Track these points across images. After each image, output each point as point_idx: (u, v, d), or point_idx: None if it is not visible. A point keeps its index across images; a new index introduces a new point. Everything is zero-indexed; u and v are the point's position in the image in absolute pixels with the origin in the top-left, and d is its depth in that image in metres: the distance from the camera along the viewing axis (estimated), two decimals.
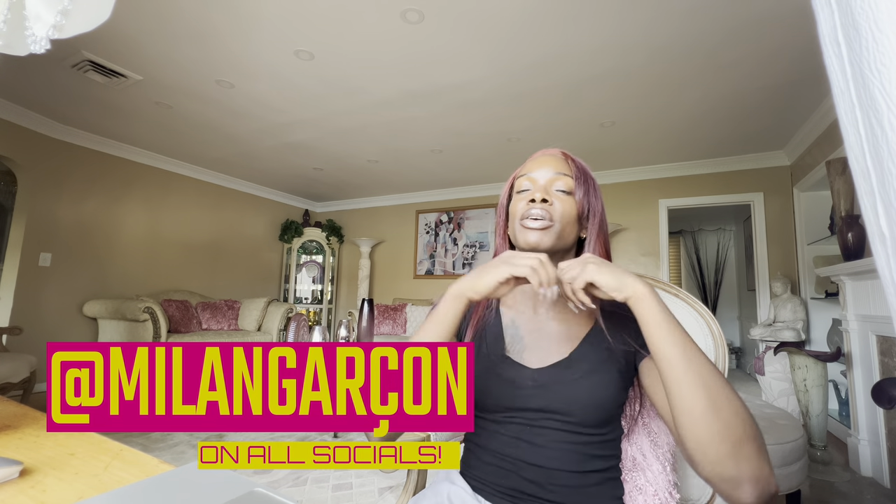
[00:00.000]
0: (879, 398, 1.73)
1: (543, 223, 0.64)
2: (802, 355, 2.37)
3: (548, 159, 0.70)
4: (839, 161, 2.45)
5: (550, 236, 0.64)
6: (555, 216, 0.65)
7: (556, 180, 0.67)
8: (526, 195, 0.68)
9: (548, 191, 0.66)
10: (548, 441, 0.62)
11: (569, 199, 0.66)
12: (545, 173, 0.68)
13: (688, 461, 0.50)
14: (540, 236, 0.64)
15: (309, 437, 2.55)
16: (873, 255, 0.27)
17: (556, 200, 0.66)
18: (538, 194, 0.65)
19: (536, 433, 0.63)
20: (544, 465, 0.62)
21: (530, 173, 0.70)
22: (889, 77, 0.24)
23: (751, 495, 0.45)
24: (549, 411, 0.63)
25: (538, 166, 0.70)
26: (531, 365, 0.66)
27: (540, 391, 0.63)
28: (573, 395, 0.62)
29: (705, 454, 0.47)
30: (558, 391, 0.63)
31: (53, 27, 0.56)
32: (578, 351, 0.65)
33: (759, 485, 0.45)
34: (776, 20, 2.00)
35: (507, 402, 0.65)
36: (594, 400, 0.62)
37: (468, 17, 2.07)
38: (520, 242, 0.67)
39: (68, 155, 3.61)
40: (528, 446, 0.63)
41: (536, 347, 0.68)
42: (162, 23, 2.16)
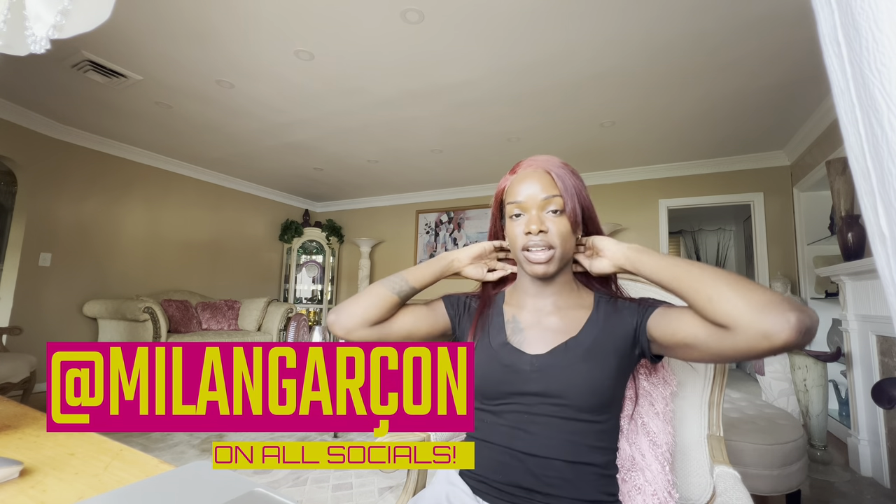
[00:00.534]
0: (879, 398, 1.73)
1: (546, 254, 0.69)
2: (802, 355, 2.37)
3: (534, 181, 0.71)
4: (839, 161, 2.45)
5: (555, 263, 0.70)
6: (553, 241, 0.69)
7: (547, 204, 0.70)
8: (520, 222, 0.71)
9: (541, 218, 0.70)
10: (544, 429, 0.64)
11: (561, 219, 0.70)
12: (534, 197, 0.70)
13: (732, 330, 0.52)
14: (546, 268, 0.70)
15: (309, 437, 2.55)
16: (873, 255, 0.27)
17: (550, 225, 0.69)
18: (533, 226, 0.68)
19: (533, 420, 0.65)
20: (541, 454, 0.63)
21: (518, 199, 0.72)
22: (889, 77, 0.24)
23: (794, 319, 0.48)
24: (547, 395, 0.65)
25: (526, 189, 0.71)
26: (530, 351, 0.70)
27: (538, 375, 0.67)
28: (569, 378, 0.65)
29: (744, 312, 0.51)
30: (555, 375, 0.66)
31: (53, 27, 0.56)
32: (576, 338, 0.69)
33: (800, 313, 0.48)
34: (776, 20, 2.00)
35: (507, 386, 0.68)
36: (590, 382, 0.65)
37: (468, 18, 2.07)
38: (526, 271, 0.73)
39: (68, 155, 3.61)
40: (525, 435, 0.65)
41: (536, 337, 0.72)
42: (162, 23, 2.16)
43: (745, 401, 1.89)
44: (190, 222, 4.59)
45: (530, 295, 0.76)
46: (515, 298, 0.79)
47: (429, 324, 0.77)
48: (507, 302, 0.80)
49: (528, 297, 0.77)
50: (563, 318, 0.73)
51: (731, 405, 1.82)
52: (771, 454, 1.45)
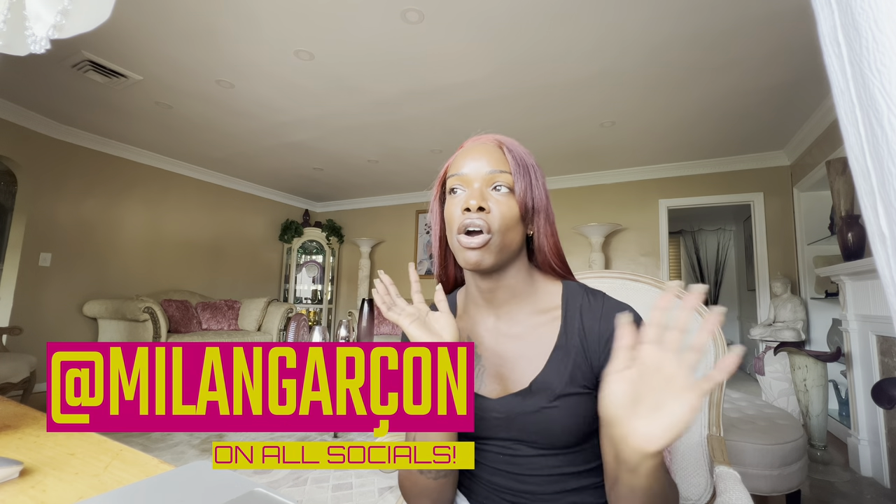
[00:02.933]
0: (879, 398, 1.73)
1: (482, 238, 0.56)
2: (802, 355, 2.37)
3: (480, 152, 0.61)
4: (839, 161, 2.45)
5: (491, 254, 0.57)
6: (493, 226, 0.57)
7: (492, 179, 0.59)
8: (459, 199, 0.59)
9: (483, 194, 0.58)
10: (525, 469, 0.59)
11: (508, 199, 0.58)
12: (478, 170, 0.59)
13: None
14: (480, 255, 0.57)
15: (309, 437, 2.55)
16: (873, 255, 0.27)
17: (493, 205, 0.58)
18: (472, 201, 0.57)
19: (511, 461, 0.60)
20: (526, 489, 0.59)
21: (461, 171, 0.60)
22: (889, 77, 0.24)
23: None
24: (520, 440, 0.59)
25: (470, 161, 0.60)
26: (491, 395, 0.61)
27: (504, 422, 0.59)
28: (539, 426, 0.57)
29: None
30: (523, 422, 0.58)
31: (53, 27, 0.56)
32: (541, 376, 0.59)
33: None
34: (776, 20, 2.00)
35: (476, 432, 0.61)
36: (563, 427, 0.57)
37: (468, 17, 2.07)
38: (460, 259, 0.60)
39: (68, 155, 3.61)
40: (506, 474, 0.61)
41: (496, 374, 0.62)
42: (162, 23, 2.16)
43: (745, 401, 1.89)
44: (190, 222, 4.59)
45: (481, 305, 0.65)
46: (468, 310, 0.68)
47: None
48: (459, 315, 0.69)
49: (481, 309, 0.65)
50: (525, 340, 0.62)
51: (731, 405, 1.83)
52: (771, 454, 1.45)
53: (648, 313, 0.45)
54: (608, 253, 4.30)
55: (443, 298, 0.60)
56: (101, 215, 3.84)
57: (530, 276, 0.65)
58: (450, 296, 0.72)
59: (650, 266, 4.14)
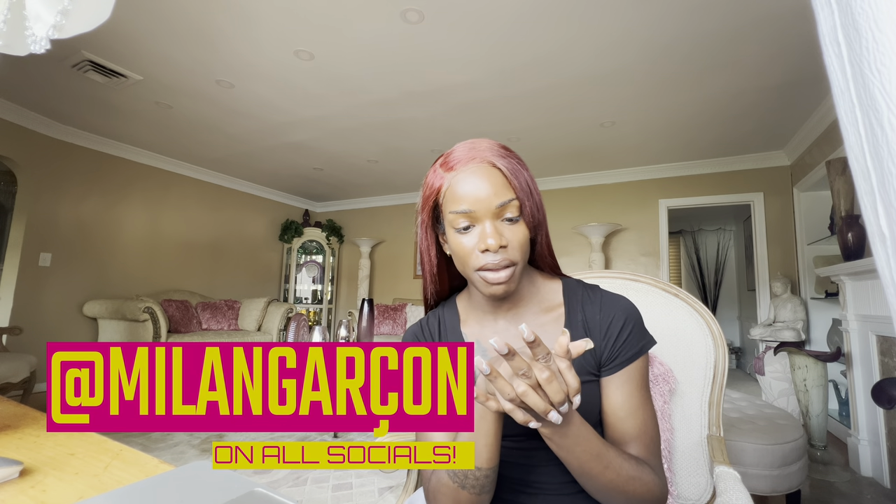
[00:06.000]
0: (879, 398, 1.73)
1: (507, 273, 0.57)
2: (802, 355, 2.37)
3: (481, 180, 0.57)
4: (839, 161, 2.45)
5: (515, 280, 0.58)
6: (514, 257, 0.57)
7: (503, 212, 0.57)
8: (471, 236, 0.58)
9: (498, 230, 0.56)
10: (537, 461, 0.61)
11: (520, 226, 0.58)
12: (487, 206, 0.56)
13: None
14: (507, 287, 0.58)
15: (309, 437, 2.55)
16: (873, 255, 0.27)
17: (509, 236, 0.57)
18: (491, 241, 0.55)
19: (525, 454, 0.62)
20: (538, 480, 0.61)
21: (464, 207, 0.57)
22: (889, 77, 0.24)
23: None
24: (533, 436, 0.59)
25: (474, 192, 0.57)
26: None
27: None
28: None
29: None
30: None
31: (53, 27, 0.56)
32: None
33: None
34: (776, 20, 2.00)
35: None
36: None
37: (468, 17, 2.07)
38: (483, 290, 0.59)
39: (68, 155, 3.61)
40: (519, 467, 0.62)
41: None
42: (162, 23, 2.16)
43: (745, 401, 1.89)
44: (190, 222, 4.59)
45: (488, 311, 0.66)
46: (473, 315, 0.68)
47: None
48: (463, 321, 0.68)
49: (488, 314, 0.66)
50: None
51: (731, 405, 1.83)
52: (771, 454, 1.45)
53: (648, 313, 0.45)
54: (608, 253, 4.30)
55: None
56: (101, 215, 3.84)
57: (531, 277, 0.66)
58: (449, 301, 0.72)
59: (650, 266, 4.14)
